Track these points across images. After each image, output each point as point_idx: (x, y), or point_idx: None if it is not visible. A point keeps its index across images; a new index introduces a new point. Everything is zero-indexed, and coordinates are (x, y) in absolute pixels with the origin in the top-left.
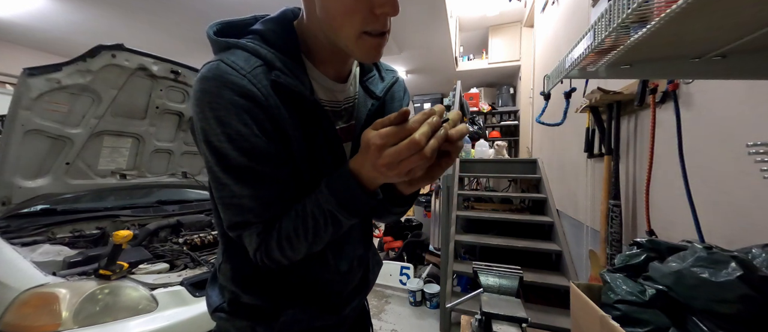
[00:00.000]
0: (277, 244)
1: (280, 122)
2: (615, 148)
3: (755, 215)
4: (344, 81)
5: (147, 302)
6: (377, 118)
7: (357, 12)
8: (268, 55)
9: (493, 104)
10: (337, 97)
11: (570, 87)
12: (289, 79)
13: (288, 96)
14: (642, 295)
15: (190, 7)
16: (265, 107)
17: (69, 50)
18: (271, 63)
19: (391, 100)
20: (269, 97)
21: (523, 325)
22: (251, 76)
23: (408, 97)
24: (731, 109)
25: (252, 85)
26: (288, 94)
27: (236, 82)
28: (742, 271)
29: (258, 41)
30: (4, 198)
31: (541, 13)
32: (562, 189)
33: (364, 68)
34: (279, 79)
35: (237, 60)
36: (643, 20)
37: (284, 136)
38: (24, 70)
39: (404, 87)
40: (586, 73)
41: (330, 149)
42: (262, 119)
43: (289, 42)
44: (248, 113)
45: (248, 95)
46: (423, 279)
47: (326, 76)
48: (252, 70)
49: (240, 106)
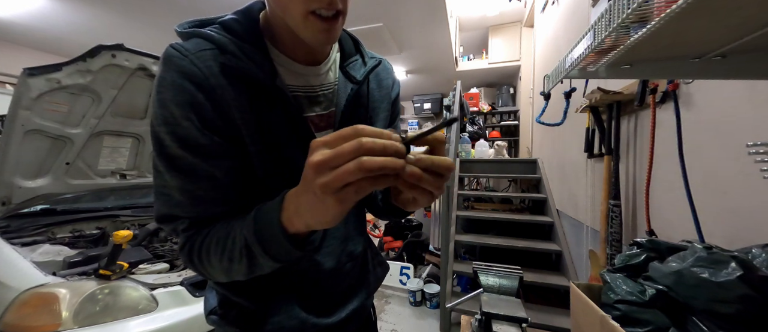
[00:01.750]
0: (198, 251)
1: (224, 107)
2: (615, 148)
3: (755, 215)
4: (317, 64)
5: (147, 302)
6: (357, 105)
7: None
8: (221, 40)
9: (493, 104)
10: (312, 82)
11: (570, 87)
12: (241, 63)
13: (240, 80)
14: (642, 295)
15: (190, 7)
16: (206, 88)
17: (69, 50)
18: (223, 47)
19: (378, 87)
20: (212, 77)
21: (523, 325)
22: (194, 57)
23: (398, 86)
24: (731, 109)
25: (193, 65)
26: (240, 78)
27: (177, 62)
28: (742, 271)
29: (217, 29)
30: (4, 198)
31: (541, 13)
32: (562, 189)
33: (345, 53)
34: (228, 63)
35: (186, 44)
36: (643, 20)
37: (230, 123)
38: (24, 70)
39: (392, 73)
40: (586, 73)
41: (297, 138)
42: (200, 103)
43: (250, 29)
44: (185, 95)
45: (187, 74)
46: (423, 279)
47: (294, 61)
48: (197, 52)
49: (178, 87)
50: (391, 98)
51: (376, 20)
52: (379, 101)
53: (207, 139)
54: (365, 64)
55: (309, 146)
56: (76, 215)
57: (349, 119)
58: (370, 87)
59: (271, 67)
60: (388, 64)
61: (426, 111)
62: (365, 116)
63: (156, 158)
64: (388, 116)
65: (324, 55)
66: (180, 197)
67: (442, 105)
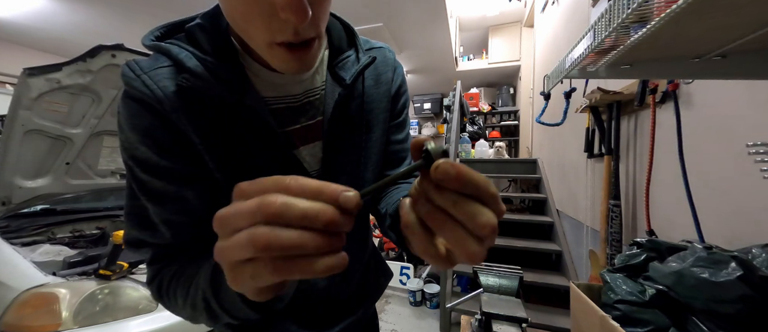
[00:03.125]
0: (166, 290)
1: (180, 132)
2: (615, 148)
3: (755, 215)
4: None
5: (147, 302)
6: (347, 110)
7: (256, 17)
8: (180, 55)
9: (493, 104)
10: (293, 90)
11: (570, 87)
12: (199, 82)
13: (200, 101)
14: (642, 295)
15: (190, 7)
16: (158, 112)
17: (69, 50)
18: (181, 64)
19: (375, 84)
20: (166, 100)
21: (523, 325)
22: (146, 77)
23: (400, 77)
24: (731, 109)
25: (145, 86)
26: (200, 99)
27: (130, 83)
28: (742, 271)
29: (181, 41)
30: (4, 198)
31: (541, 13)
32: (562, 189)
33: (335, 48)
34: (184, 83)
35: (142, 62)
36: (643, 20)
37: (189, 149)
38: (24, 70)
39: (392, 63)
40: (586, 73)
41: (278, 158)
42: (154, 127)
43: (216, 36)
44: (138, 119)
45: (137, 96)
46: (423, 279)
47: (268, 69)
48: (151, 71)
49: (132, 110)
50: (391, 92)
51: (376, 20)
52: (377, 101)
53: (167, 163)
54: (359, 60)
55: (285, 168)
56: (76, 215)
57: (339, 127)
58: (366, 85)
59: (240, 81)
60: (389, 54)
61: (426, 111)
62: (361, 121)
63: (129, 180)
64: (388, 117)
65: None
66: (152, 219)
67: (442, 105)
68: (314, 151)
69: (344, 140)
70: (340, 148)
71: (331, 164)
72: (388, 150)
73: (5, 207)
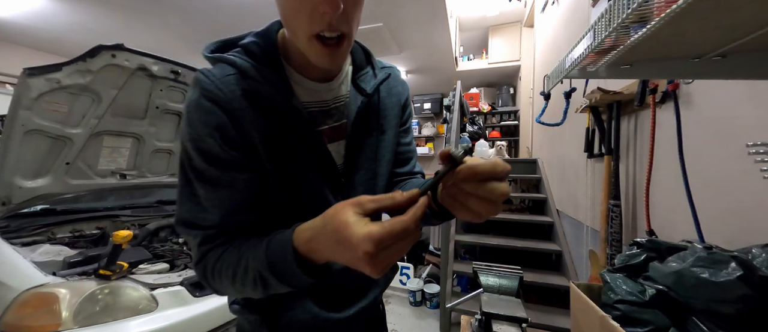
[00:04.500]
0: (211, 272)
1: (244, 127)
2: (615, 148)
3: (755, 215)
4: (329, 80)
5: (147, 302)
6: (367, 115)
7: (301, 12)
8: (243, 65)
9: (493, 104)
10: (324, 97)
11: (570, 87)
12: (260, 87)
13: (260, 102)
14: (642, 295)
15: (190, 7)
16: (228, 110)
17: (69, 50)
18: (245, 72)
19: (388, 95)
20: (234, 101)
21: (523, 325)
22: (219, 82)
23: (407, 90)
24: (731, 109)
25: (218, 89)
26: (260, 100)
27: (205, 86)
28: (742, 271)
29: (239, 53)
30: (4, 198)
31: (541, 13)
32: (562, 189)
33: (357, 65)
34: (249, 87)
35: (214, 70)
36: (643, 20)
37: (249, 142)
38: (24, 70)
39: (401, 80)
40: (586, 73)
41: (310, 152)
42: (223, 123)
43: (268, 51)
44: (210, 116)
45: (212, 98)
46: (423, 279)
47: (307, 78)
48: (222, 77)
49: (205, 108)
50: (401, 102)
51: (376, 20)
52: (390, 108)
53: (227, 155)
54: (375, 76)
55: (321, 160)
56: (76, 215)
57: (360, 128)
58: (381, 96)
59: (287, 87)
60: (397, 73)
61: (426, 111)
62: (377, 124)
63: (186, 169)
64: (399, 122)
65: (336, 71)
66: (204, 204)
67: (442, 105)
68: (339, 148)
69: (363, 140)
70: (360, 146)
71: (352, 160)
72: (397, 151)
73: (5, 207)
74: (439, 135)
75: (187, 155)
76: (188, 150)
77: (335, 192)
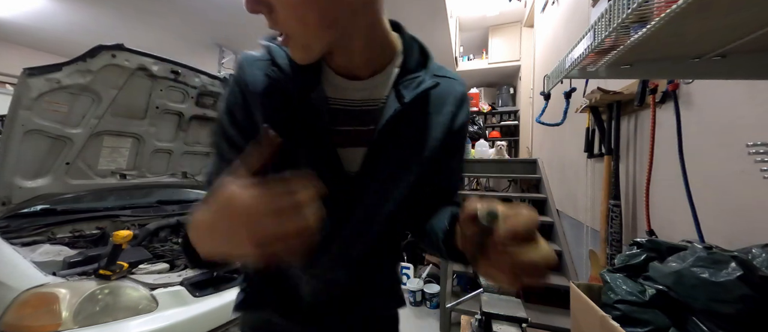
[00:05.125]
0: None
1: (252, 113)
2: (615, 148)
3: (755, 215)
4: (358, 79)
5: (147, 302)
6: (399, 126)
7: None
8: (277, 52)
9: (493, 104)
10: (352, 96)
11: (570, 87)
12: (279, 75)
13: (278, 91)
14: (642, 295)
15: (189, 7)
16: (244, 93)
17: (69, 50)
18: (275, 59)
19: (436, 112)
20: (252, 83)
21: (523, 325)
22: (248, 65)
23: (465, 115)
24: (731, 109)
25: (244, 71)
26: (278, 89)
27: (238, 65)
28: (742, 271)
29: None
30: (4, 198)
31: (541, 13)
32: (562, 189)
33: (406, 68)
34: (271, 74)
35: (254, 52)
36: (643, 20)
37: (251, 125)
38: (24, 70)
39: (459, 98)
40: (586, 73)
41: (315, 147)
42: (236, 103)
43: None
44: (232, 96)
45: (237, 78)
46: (423, 279)
47: (334, 72)
48: (254, 60)
49: (231, 88)
50: (449, 126)
51: None
52: (432, 129)
53: (233, 132)
54: (422, 82)
55: (325, 161)
56: (76, 215)
57: (386, 140)
58: (424, 110)
59: (311, 81)
60: (459, 86)
61: None
62: (413, 139)
63: (212, 143)
64: (440, 146)
65: (366, 71)
66: (214, 169)
67: None
68: (356, 155)
69: (388, 153)
70: (381, 159)
71: (368, 171)
72: (433, 176)
73: (5, 207)
74: None
75: (216, 124)
76: (218, 118)
77: (334, 201)
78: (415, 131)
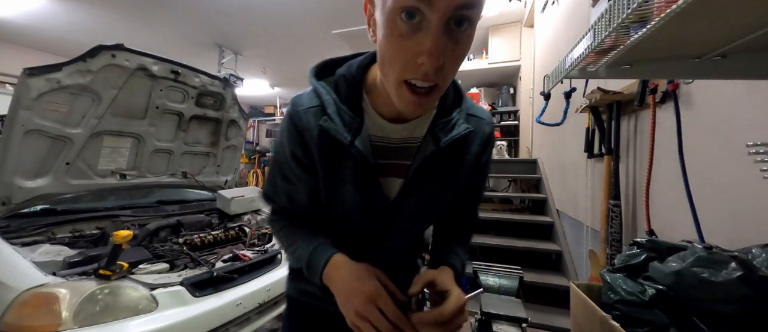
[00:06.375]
0: (277, 232)
1: (311, 151)
2: (615, 148)
3: (755, 215)
4: (399, 122)
5: (147, 302)
6: (435, 164)
7: (398, 58)
8: (327, 100)
9: (493, 104)
10: (391, 135)
11: (570, 87)
12: (331, 125)
13: (329, 136)
14: (642, 295)
15: (189, 7)
16: (303, 137)
17: (69, 50)
18: (325, 108)
19: (463, 153)
20: (308, 130)
21: (523, 325)
22: (303, 112)
23: (491, 148)
24: (731, 109)
25: (300, 118)
26: (329, 135)
27: (295, 110)
28: (742, 271)
29: (330, 86)
30: (4, 198)
31: (541, 13)
32: (562, 189)
33: (441, 110)
34: (322, 124)
35: (304, 97)
36: (643, 20)
37: (312, 161)
38: (24, 70)
39: (487, 137)
40: (586, 73)
41: (360, 182)
42: (297, 144)
43: (352, 88)
44: (291, 134)
45: (296, 123)
46: None
47: (380, 116)
48: (307, 108)
49: (290, 128)
50: (474, 162)
51: None
52: (460, 167)
53: (295, 166)
54: (457, 126)
55: (369, 191)
56: (76, 215)
57: (420, 175)
58: (455, 150)
59: (357, 126)
60: (486, 127)
61: None
62: (439, 176)
63: (276, 159)
64: (467, 176)
65: (412, 116)
66: (278, 188)
67: None
68: (394, 185)
69: (420, 186)
70: (414, 191)
71: (402, 201)
72: (455, 205)
73: (5, 207)
74: None
75: (276, 152)
76: (277, 149)
77: (375, 220)
78: (445, 168)
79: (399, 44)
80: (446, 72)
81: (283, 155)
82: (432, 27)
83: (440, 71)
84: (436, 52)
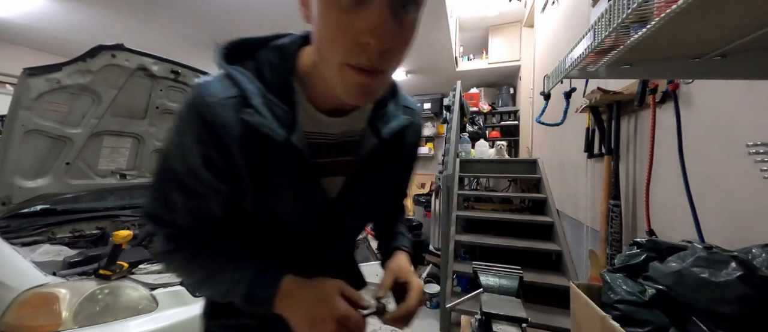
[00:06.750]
0: (182, 262)
1: (231, 155)
2: (615, 148)
3: (755, 215)
4: (337, 115)
5: (147, 302)
6: (380, 158)
7: (340, 39)
8: (250, 90)
9: (493, 104)
10: (330, 130)
11: (570, 87)
12: (259, 119)
13: (255, 133)
14: (642, 295)
15: (189, 7)
16: (219, 136)
17: (69, 50)
18: (249, 99)
19: (402, 143)
20: (225, 127)
21: (523, 325)
22: (217, 104)
23: (420, 134)
24: (731, 109)
25: (214, 112)
26: (256, 131)
27: (204, 102)
28: (742, 271)
29: (250, 72)
30: (4, 198)
31: (541, 13)
32: (562, 189)
33: (378, 102)
34: (247, 119)
35: (216, 86)
36: (643, 20)
37: (233, 169)
38: (24, 70)
39: (418, 132)
40: (586, 73)
41: (298, 184)
42: (210, 145)
43: (281, 75)
44: (199, 135)
45: (206, 118)
46: (423, 279)
47: (315, 108)
48: (222, 99)
49: (196, 125)
50: (410, 153)
51: None
52: (399, 156)
53: (207, 175)
54: (395, 117)
55: (310, 194)
56: (76, 215)
57: (364, 170)
58: (397, 142)
59: (290, 120)
60: (418, 119)
61: (426, 111)
62: (381, 169)
63: (166, 169)
64: (402, 171)
65: (348, 108)
66: (176, 206)
67: (442, 105)
68: (335, 184)
69: (364, 181)
70: (359, 187)
71: (347, 198)
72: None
73: (5, 207)
74: (439, 135)
75: (167, 158)
76: (171, 154)
77: (320, 223)
78: (388, 160)
79: (339, 20)
80: (394, 57)
81: (184, 163)
82: (377, 0)
83: (387, 55)
84: (384, 29)
